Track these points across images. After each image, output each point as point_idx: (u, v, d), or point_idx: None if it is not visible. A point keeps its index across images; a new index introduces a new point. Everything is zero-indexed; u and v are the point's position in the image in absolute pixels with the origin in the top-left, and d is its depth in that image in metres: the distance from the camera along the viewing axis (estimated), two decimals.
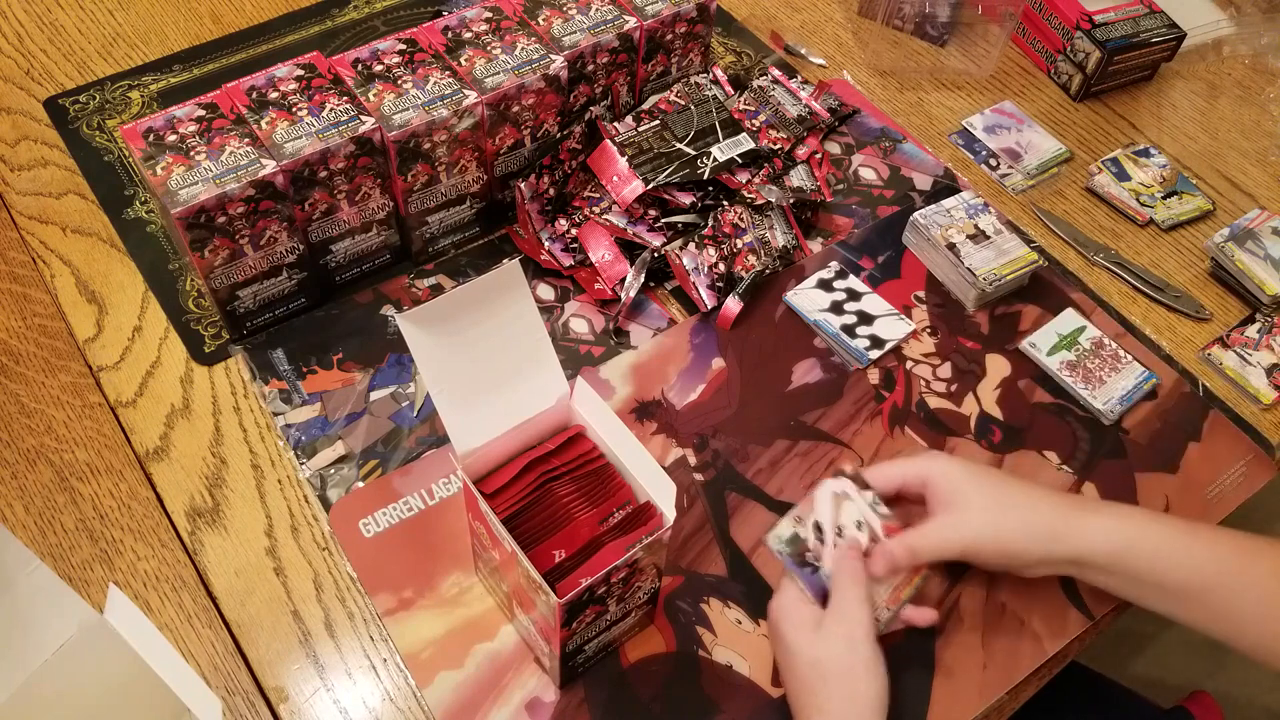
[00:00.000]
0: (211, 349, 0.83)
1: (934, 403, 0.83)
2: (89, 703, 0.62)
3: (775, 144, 0.96)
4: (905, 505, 0.69)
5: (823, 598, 0.65)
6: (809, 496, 0.67)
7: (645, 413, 0.81)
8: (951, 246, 0.88)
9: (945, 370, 0.85)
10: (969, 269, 0.87)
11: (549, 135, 0.89)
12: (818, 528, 0.66)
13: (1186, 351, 0.89)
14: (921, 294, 0.90)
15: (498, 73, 0.82)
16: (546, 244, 0.89)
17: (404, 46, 0.83)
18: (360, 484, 0.76)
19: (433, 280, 0.89)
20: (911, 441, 0.81)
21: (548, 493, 0.64)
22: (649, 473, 0.62)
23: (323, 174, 0.78)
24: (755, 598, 0.72)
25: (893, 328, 0.87)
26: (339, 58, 0.82)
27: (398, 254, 0.89)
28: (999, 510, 0.66)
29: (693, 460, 0.79)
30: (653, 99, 0.98)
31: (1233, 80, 1.12)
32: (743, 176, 0.91)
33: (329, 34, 1.07)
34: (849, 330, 0.86)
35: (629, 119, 0.96)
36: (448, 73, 0.82)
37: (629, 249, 0.88)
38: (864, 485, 0.67)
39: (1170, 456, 0.81)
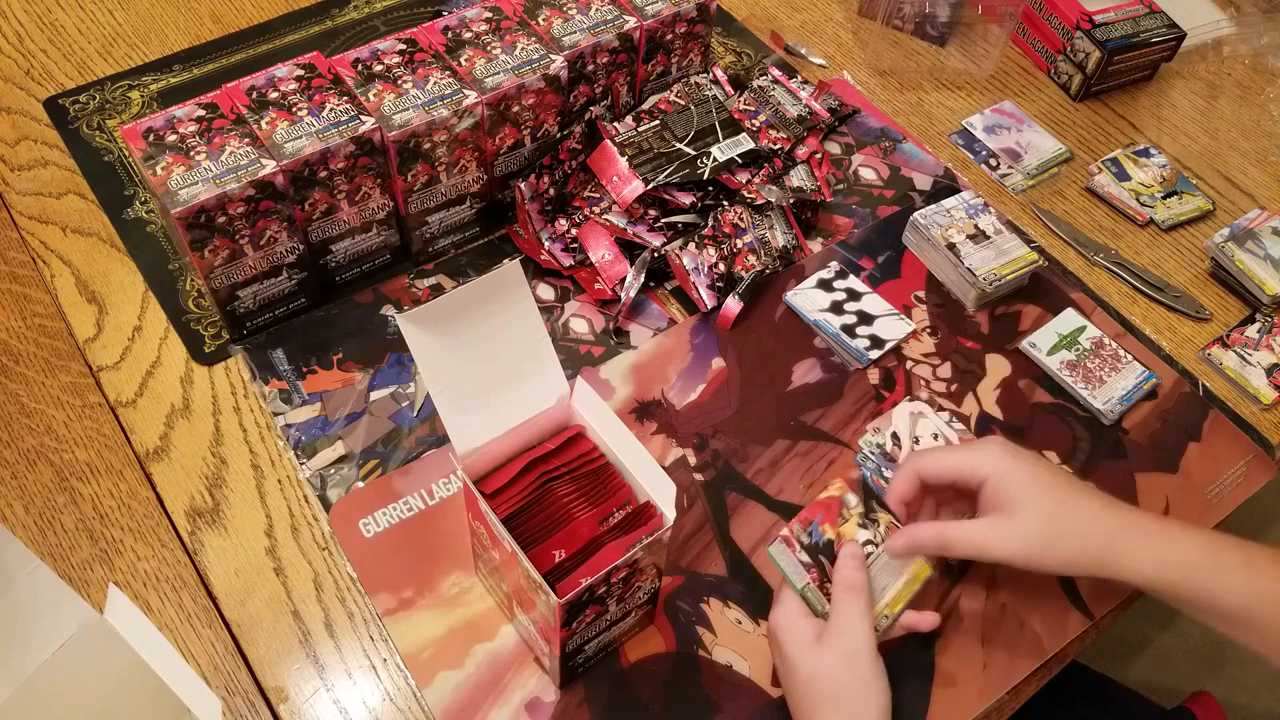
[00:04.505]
0: (211, 349, 0.83)
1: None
2: (89, 703, 0.62)
3: (775, 144, 0.96)
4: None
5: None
6: (885, 414, 0.73)
7: (645, 413, 0.81)
8: (951, 246, 0.88)
9: (945, 370, 0.85)
10: (969, 269, 0.87)
11: (549, 135, 0.89)
12: (895, 438, 0.70)
13: (1186, 351, 0.89)
14: (921, 294, 0.90)
15: (498, 73, 0.82)
16: (546, 244, 0.89)
17: (404, 46, 0.83)
18: (360, 484, 0.76)
19: (433, 280, 0.89)
20: None
21: (548, 493, 0.64)
22: (649, 473, 0.62)
23: (323, 174, 0.78)
24: (755, 598, 0.72)
25: (893, 328, 0.87)
26: (339, 58, 0.82)
27: (398, 254, 0.89)
28: (1050, 534, 0.62)
29: (693, 460, 0.79)
30: (653, 99, 0.98)
31: (1233, 80, 1.12)
32: (743, 176, 0.91)
33: (329, 34, 1.07)
34: (849, 330, 0.86)
35: (629, 119, 0.96)
36: (448, 73, 0.82)
37: (629, 249, 0.88)
38: (939, 409, 0.70)
39: (1170, 456, 0.81)
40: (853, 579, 0.63)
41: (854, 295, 0.88)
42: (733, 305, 0.86)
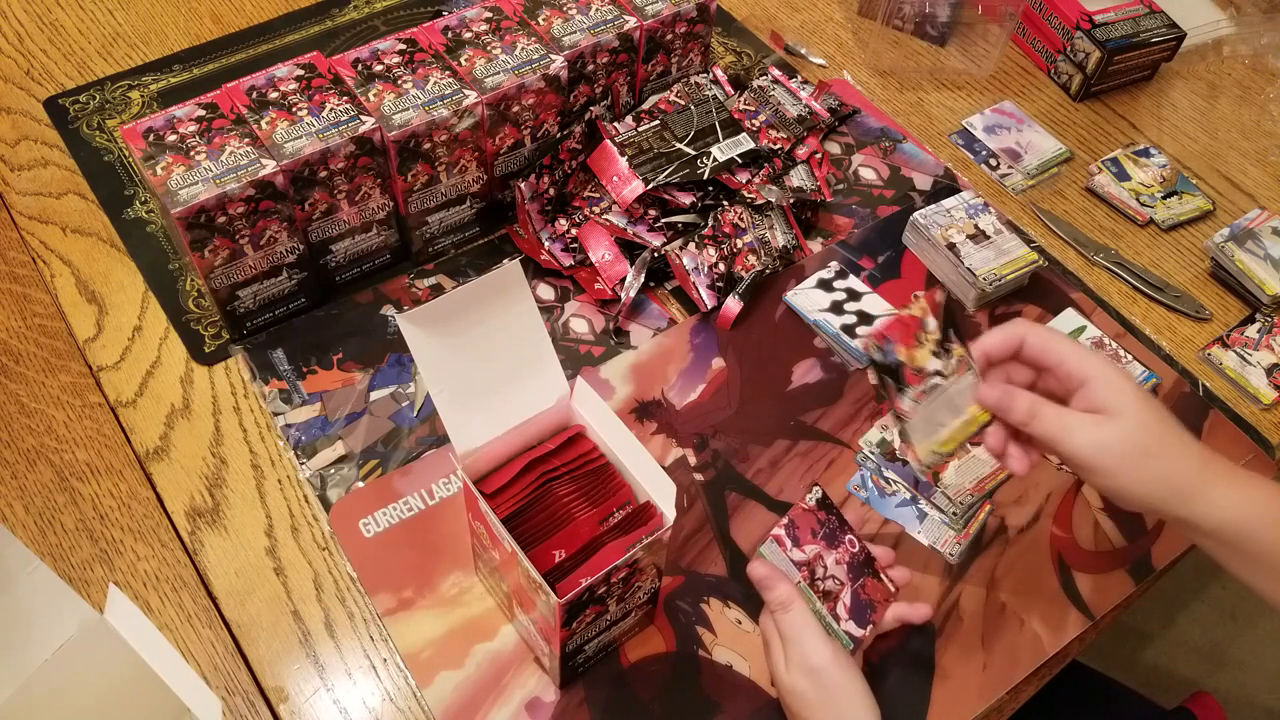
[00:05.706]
0: (211, 349, 0.83)
1: None
2: (89, 703, 0.62)
3: (775, 144, 0.96)
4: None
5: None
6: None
7: (645, 413, 0.81)
8: (951, 246, 0.88)
9: None
10: (969, 269, 0.87)
11: (549, 135, 0.89)
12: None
13: (1186, 351, 0.89)
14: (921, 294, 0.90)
15: (498, 73, 0.82)
16: (546, 244, 0.89)
17: (404, 46, 0.83)
18: (360, 484, 0.76)
19: (433, 280, 0.89)
20: None
21: (548, 493, 0.64)
22: (649, 473, 0.62)
23: (323, 174, 0.78)
24: (755, 598, 0.72)
25: None
26: (339, 58, 0.82)
27: (398, 254, 0.89)
28: (1144, 448, 0.58)
29: (693, 460, 0.79)
30: (653, 99, 0.98)
31: (1233, 80, 1.12)
32: (743, 176, 0.91)
33: (329, 34, 1.07)
34: (849, 330, 0.86)
35: (629, 119, 0.96)
36: (448, 73, 0.82)
37: (629, 249, 0.88)
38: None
39: None
40: (778, 598, 0.63)
41: (854, 295, 0.88)
42: (733, 305, 0.86)
